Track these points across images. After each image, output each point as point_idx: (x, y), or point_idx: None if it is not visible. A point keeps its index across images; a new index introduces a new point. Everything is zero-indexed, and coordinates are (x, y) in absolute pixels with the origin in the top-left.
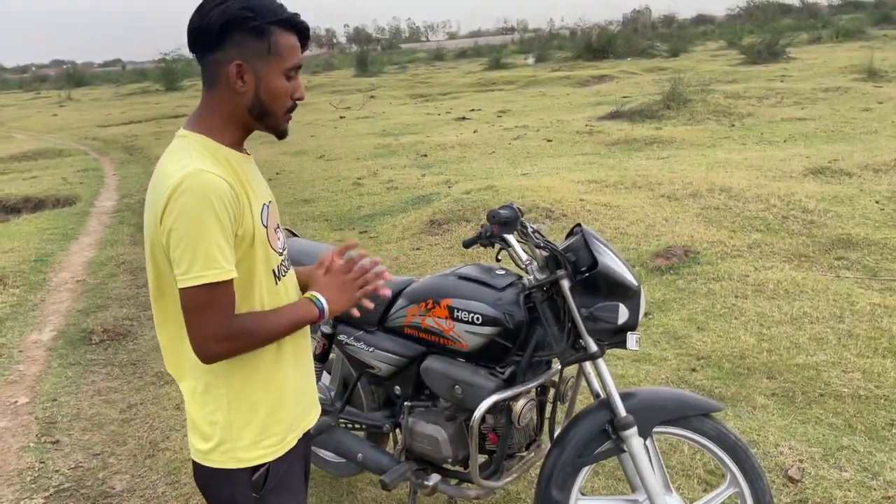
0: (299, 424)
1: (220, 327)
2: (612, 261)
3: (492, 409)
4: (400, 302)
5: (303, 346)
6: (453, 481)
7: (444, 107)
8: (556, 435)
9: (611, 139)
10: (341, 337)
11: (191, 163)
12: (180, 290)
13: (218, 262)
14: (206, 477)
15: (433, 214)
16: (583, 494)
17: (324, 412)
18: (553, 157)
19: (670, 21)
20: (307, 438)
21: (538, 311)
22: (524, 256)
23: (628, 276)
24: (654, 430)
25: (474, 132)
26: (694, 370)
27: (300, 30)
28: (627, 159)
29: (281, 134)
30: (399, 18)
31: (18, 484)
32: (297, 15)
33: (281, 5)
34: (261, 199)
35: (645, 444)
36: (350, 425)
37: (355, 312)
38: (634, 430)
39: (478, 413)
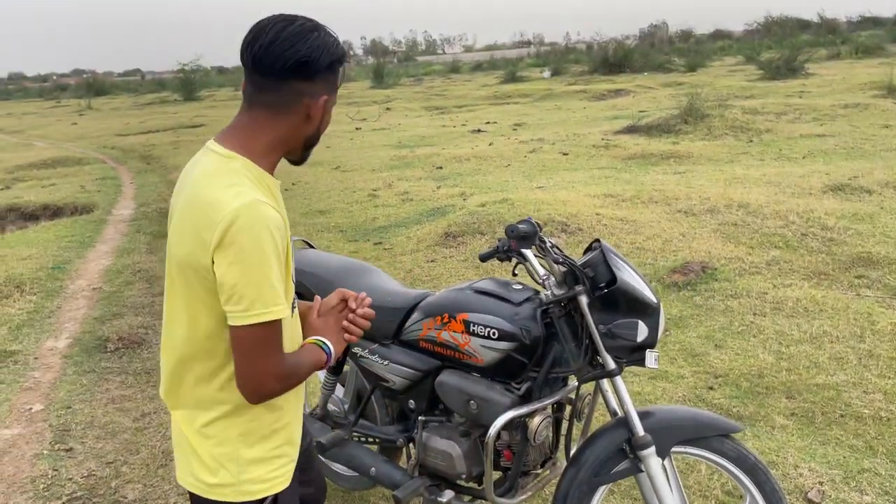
0: (292, 451)
1: (278, 366)
2: (630, 277)
3: (507, 426)
4: (415, 315)
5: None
6: (466, 498)
7: (459, 119)
8: (572, 453)
9: (627, 153)
10: (356, 349)
11: (246, 192)
12: (237, 326)
13: (280, 299)
14: None
15: (448, 227)
16: None
17: (337, 425)
18: (569, 170)
19: (687, 36)
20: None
21: (555, 327)
22: (541, 271)
23: (647, 293)
24: (673, 449)
25: (490, 145)
26: (711, 388)
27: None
28: (644, 174)
29: (304, 162)
30: (416, 31)
31: (32, 491)
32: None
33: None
34: (288, 230)
35: (663, 464)
36: (363, 439)
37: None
38: (652, 449)
39: (493, 429)
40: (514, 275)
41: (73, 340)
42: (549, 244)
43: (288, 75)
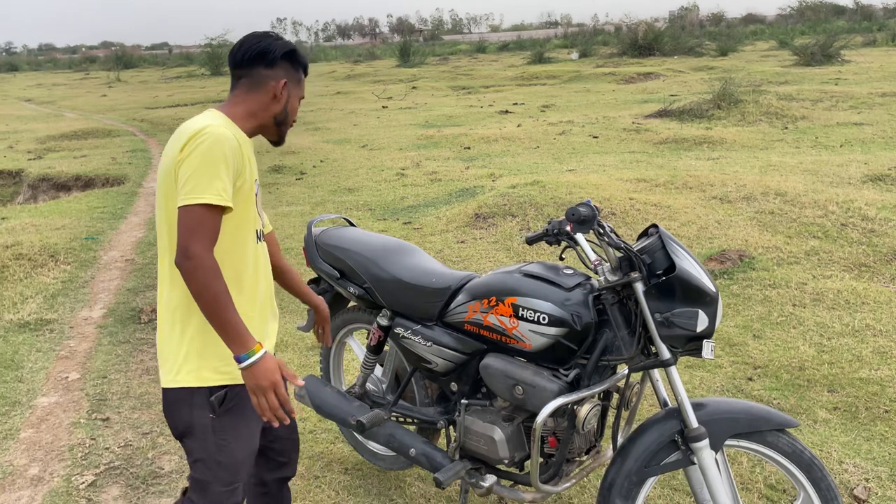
0: None
1: (195, 244)
2: (689, 265)
3: (554, 413)
4: (460, 297)
5: (266, 293)
6: (508, 483)
7: (486, 100)
8: (619, 443)
9: (659, 138)
10: (398, 330)
11: (211, 122)
12: (182, 207)
13: (217, 191)
14: (170, 402)
15: (478, 208)
16: None
17: (375, 404)
18: (599, 153)
19: (718, 19)
20: None
21: (607, 314)
22: (593, 256)
23: (706, 282)
24: (726, 443)
25: (518, 126)
26: (750, 379)
27: (305, 73)
28: (677, 159)
29: (281, 141)
30: (442, 10)
31: (70, 459)
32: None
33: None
34: (255, 175)
35: (715, 457)
36: (401, 419)
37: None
38: (706, 442)
39: (541, 416)
40: (562, 259)
41: (108, 311)
42: (607, 228)
43: (254, 63)
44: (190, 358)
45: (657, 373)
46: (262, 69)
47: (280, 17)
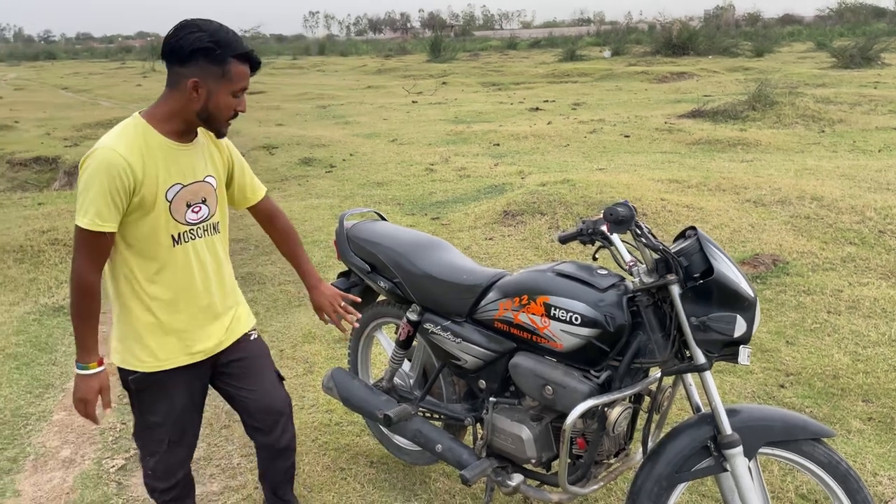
0: (170, 359)
1: (80, 267)
2: (728, 269)
3: (584, 414)
4: (491, 295)
5: (202, 305)
6: (534, 482)
7: (516, 96)
8: (649, 446)
9: (692, 138)
10: (427, 325)
11: (110, 141)
12: (75, 224)
13: (91, 216)
14: (118, 370)
15: (507, 205)
16: None
17: (402, 398)
18: (630, 153)
19: (755, 19)
20: (193, 367)
21: (641, 316)
22: (628, 257)
23: (745, 287)
24: (760, 450)
25: (548, 124)
26: (783, 386)
27: (252, 61)
28: (710, 160)
29: (220, 135)
30: (473, 5)
31: (100, 443)
32: (252, 51)
33: (241, 41)
34: (174, 180)
35: (749, 464)
36: (427, 414)
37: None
38: (740, 449)
39: (571, 417)
40: (595, 259)
41: None
42: (644, 229)
43: (168, 60)
44: (121, 343)
45: (690, 377)
46: (176, 66)
47: (313, 10)
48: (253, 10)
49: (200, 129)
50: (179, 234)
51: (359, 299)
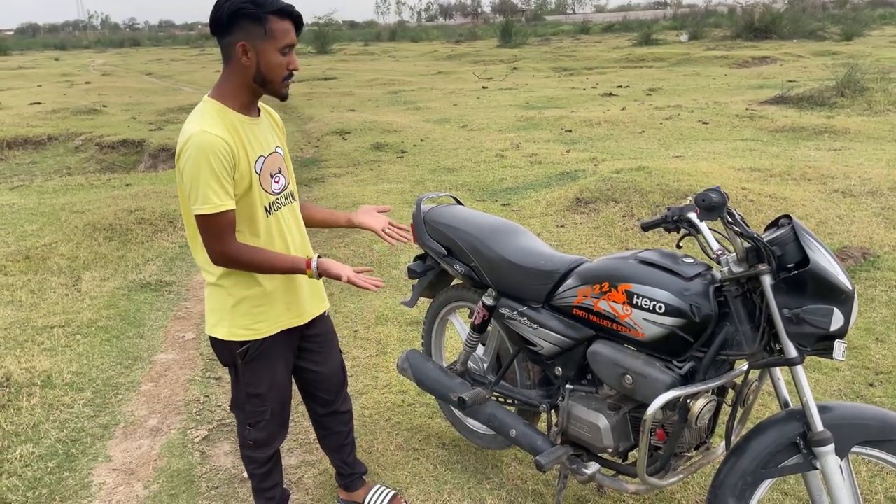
0: (279, 322)
1: (223, 247)
2: (824, 259)
3: (665, 405)
4: (570, 281)
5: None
6: (610, 472)
7: (589, 82)
8: (733, 441)
9: (775, 125)
10: (503, 310)
11: (199, 125)
12: (195, 215)
13: (210, 200)
14: (214, 345)
15: (579, 192)
16: None
17: (476, 382)
18: (709, 140)
19: (843, 2)
20: (291, 335)
21: (729, 307)
22: (715, 245)
23: (842, 278)
24: (852, 449)
25: (622, 109)
26: (872, 385)
27: (293, 17)
28: (794, 148)
29: (282, 97)
30: None
31: (185, 414)
32: (289, 6)
33: None
34: (257, 153)
35: (840, 463)
36: (501, 399)
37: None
38: (831, 447)
39: (653, 407)
40: (679, 247)
41: None
42: (737, 216)
43: (217, 34)
44: (224, 316)
45: (778, 371)
46: (224, 38)
47: None
48: None
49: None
50: (270, 204)
51: (404, 226)
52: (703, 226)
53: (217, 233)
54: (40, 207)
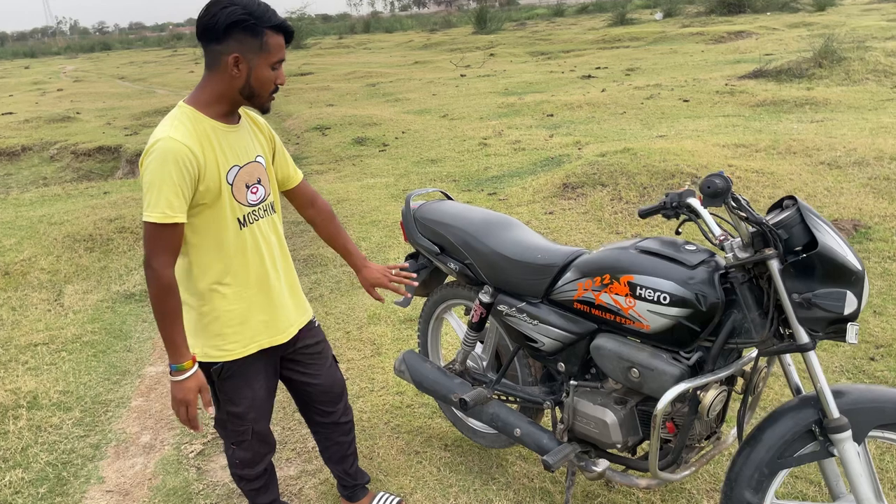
0: (255, 341)
1: (154, 261)
2: (833, 240)
3: (675, 398)
4: (569, 274)
5: (275, 286)
6: (619, 467)
7: (567, 65)
8: (745, 430)
9: (755, 100)
10: (501, 307)
11: (167, 131)
12: (143, 221)
13: (160, 208)
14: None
15: (566, 177)
16: (777, 499)
17: (475, 381)
18: (691, 118)
19: None
20: (270, 352)
21: (736, 294)
22: (717, 231)
23: (852, 259)
24: (869, 434)
25: (602, 91)
26: (873, 359)
27: (287, 32)
28: (777, 122)
29: (265, 111)
30: None
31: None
32: (285, 21)
33: (274, 12)
34: (231, 162)
35: (857, 449)
36: (503, 397)
37: None
38: (849, 433)
39: (663, 402)
40: (678, 233)
41: None
42: (742, 200)
43: (205, 40)
44: (198, 336)
45: (789, 357)
46: (213, 45)
47: None
48: None
49: (240, 110)
50: (244, 217)
51: (406, 265)
52: (704, 211)
53: (160, 246)
54: (17, 221)
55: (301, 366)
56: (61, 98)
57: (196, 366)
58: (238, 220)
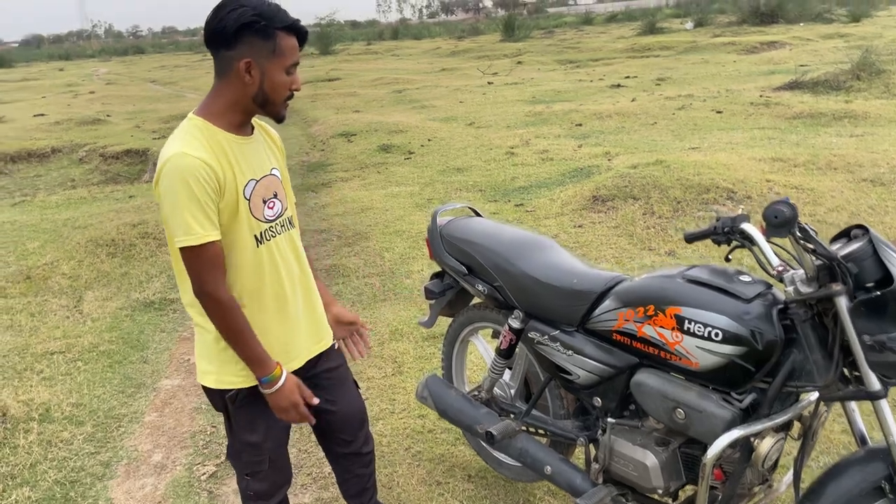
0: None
1: (205, 285)
2: None
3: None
4: (608, 303)
5: (292, 308)
6: None
7: (596, 73)
8: (802, 482)
9: (792, 112)
10: (532, 334)
11: (178, 146)
12: (180, 248)
13: (193, 230)
14: (206, 392)
15: (595, 189)
16: None
17: (504, 412)
18: (725, 130)
19: None
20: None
21: (796, 332)
22: (776, 261)
23: None
24: None
25: (632, 101)
26: None
27: (300, 33)
28: (814, 136)
29: (280, 119)
30: None
31: (192, 447)
32: (298, 21)
33: (285, 12)
34: (248, 176)
35: None
36: (531, 430)
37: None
38: None
39: (715, 449)
40: (728, 260)
41: None
42: (810, 231)
43: (214, 46)
44: (213, 362)
45: (854, 403)
46: (223, 51)
47: None
48: None
49: (252, 121)
50: (262, 233)
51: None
52: (761, 238)
53: (204, 269)
54: (42, 224)
55: (321, 391)
56: (93, 101)
57: (284, 370)
58: (255, 237)
